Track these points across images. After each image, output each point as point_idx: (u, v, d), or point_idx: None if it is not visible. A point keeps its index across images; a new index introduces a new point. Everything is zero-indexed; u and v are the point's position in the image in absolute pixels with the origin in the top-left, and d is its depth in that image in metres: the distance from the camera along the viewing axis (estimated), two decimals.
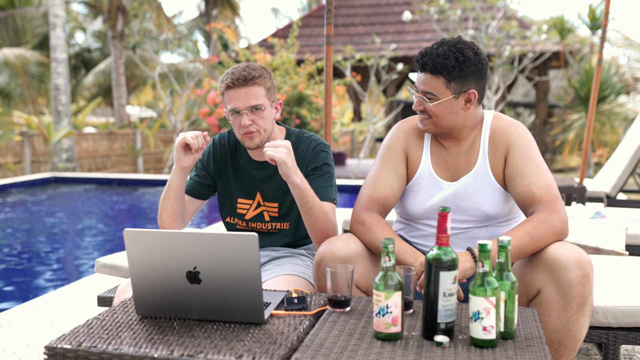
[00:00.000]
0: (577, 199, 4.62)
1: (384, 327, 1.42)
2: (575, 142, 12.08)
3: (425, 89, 1.92)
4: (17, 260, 5.36)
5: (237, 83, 2.04)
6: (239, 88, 2.04)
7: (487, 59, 1.95)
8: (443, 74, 1.87)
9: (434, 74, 1.89)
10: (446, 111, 1.92)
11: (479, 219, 2.00)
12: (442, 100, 1.90)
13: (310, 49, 13.12)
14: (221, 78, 2.10)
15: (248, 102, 2.05)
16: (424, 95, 1.93)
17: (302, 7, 32.60)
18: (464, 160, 2.02)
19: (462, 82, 1.89)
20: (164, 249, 1.52)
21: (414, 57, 2.00)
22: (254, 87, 2.05)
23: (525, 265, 1.79)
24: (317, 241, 2.04)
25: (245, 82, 2.03)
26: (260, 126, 2.08)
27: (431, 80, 1.90)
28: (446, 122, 1.95)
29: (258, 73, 2.06)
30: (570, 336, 1.73)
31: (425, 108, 1.94)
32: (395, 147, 2.07)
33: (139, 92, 23.79)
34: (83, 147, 12.95)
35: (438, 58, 1.87)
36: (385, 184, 2.02)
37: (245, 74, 2.04)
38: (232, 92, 2.05)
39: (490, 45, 10.36)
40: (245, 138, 2.10)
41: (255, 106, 2.05)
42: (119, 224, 7.16)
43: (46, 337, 2.94)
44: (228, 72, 2.07)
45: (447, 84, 1.89)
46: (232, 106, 2.06)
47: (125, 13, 15.85)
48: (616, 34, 15.92)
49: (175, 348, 1.38)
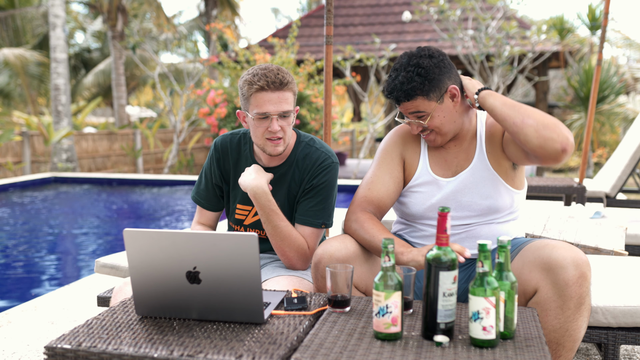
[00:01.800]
0: (577, 199, 4.62)
1: (384, 327, 1.42)
2: (575, 142, 12.07)
3: (412, 110, 1.95)
4: (17, 260, 5.37)
5: (273, 87, 1.95)
6: (272, 92, 1.95)
7: (441, 51, 1.98)
8: (417, 94, 1.91)
9: (410, 100, 1.93)
10: (442, 119, 1.95)
11: (480, 213, 2.00)
12: (432, 112, 1.93)
13: (310, 49, 13.12)
14: (248, 79, 1.98)
15: (280, 108, 1.97)
16: (416, 118, 1.96)
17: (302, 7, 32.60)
18: (464, 156, 2.04)
19: (438, 87, 1.92)
20: (163, 249, 1.52)
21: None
22: (287, 92, 1.98)
23: (523, 265, 1.79)
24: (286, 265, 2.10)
25: (280, 86, 1.96)
26: (286, 133, 2.03)
27: (412, 104, 1.94)
28: (448, 128, 1.97)
29: (290, 77, 2.00)
30: (568, 336, 1.74)
31: (424, 127, 1.97)
32: (392, 151, 2.09)
33: (139, 92, 23.79)
34: (83, 147, 12.95)
35: (403, 86, 1.90)
36: (381, 186, 2.04)
37: (281, 77, 1.96)
38: (264, 95, 1.95)
39: (490, 45, 10.36)
40: (270, 144, 2.02)
41: (286, 112, 1.99)
42: (119, 224, 7.16)
43: (46, 337, 2.94)
44: (258, 74, 1.97)
45: (427, 98, 1.92)
46: (262, 110, 1.96)
47: (125, 13, 15.85)
48: (616, 34, 15.93)
49: (175, 348, 1.38)
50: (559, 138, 1.73)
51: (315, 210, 2.08)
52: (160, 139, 14.69)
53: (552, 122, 1.77)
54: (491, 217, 2.01)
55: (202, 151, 15.38)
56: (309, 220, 2.07)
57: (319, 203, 2.08)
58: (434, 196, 2.02)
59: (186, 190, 9.72)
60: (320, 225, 2.08)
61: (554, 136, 1.73)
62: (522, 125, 1.77)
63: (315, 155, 2.11)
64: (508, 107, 1.82)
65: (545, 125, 1.75)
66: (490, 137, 2.02)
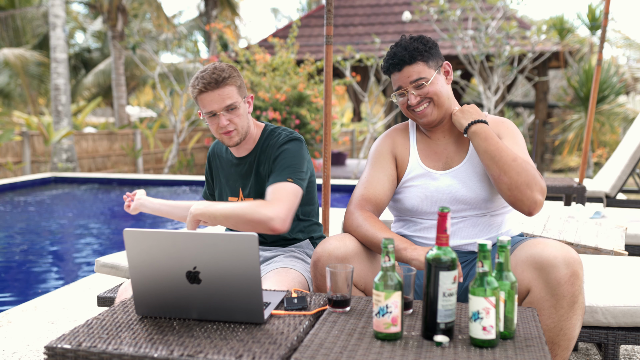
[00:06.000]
0: (577, 199, 4.62)
1: (384, 327, 1.42)
2: (575, 142, 12.08)
3: (413, 77, 2.01)
4: (17, 260, 5.37)
5: (210, 87, 2.08)
6: (211, 91, 2.09)
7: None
8: (418, 58, 2.00)
9: (412, 63, 2.01)
10: (440, 87, 2.03)
11: (475, 206, 2.02)
12: (432, 79, 2.01)
13: (310, 49, 13.12)
14: (192, 83, 2.13)
15: (223, 103, 2.10)
16: (415, 88, 2.02)
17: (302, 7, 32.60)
18: (454, 149, 2.10)
19: (435, 59, 2.04)
20: (164, 249, 1.52)
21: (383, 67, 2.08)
22: (226, 87, 2.10)
23: (515, 264, 1.80)
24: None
25: (217, 84, 2.08)
26: (237, 124, 2.14)
27: (413, 68, 2.01)
28: (443, 100, 2.04)
29: (227, 73, 2.10)
30: (563, 335, 1.74)
31: (422, 94, 2.02)
32: (383, 150, 2.16)
33: (139, 92, 23.78)
34: (83, 147, 12.96)
35: (406, 50, 2.00)
36: (377, 184, 2.08)
37: (216, 76, 2.08)
38: (205, 96, 2.09)
39: (490, 45, 10.36)
40: (225, 137, 2.17)
41: (230, 106, 2.11)
42: (119, 224, 7.16)
43: (46, 337, 2.94)
44: (197, 77, 2.11)
45: (427, 65, 2.01)
46: (207, 109, 2.11)
47: (125, 13, 15.85)
48: (616, 34, 15.93)
49: (175, 348, 1.38)
50: (527, 202, 1.86)
51: (279, 171, 2.09)
52: (160, 139, 14.69)
53: (525, 182, 1.86)
54: (486, 210, 2.04)
55: (202, 151, 15.38)
56: (273, 180, 2.06)
57: (281, 166, 2.11)
58: (427, 188, 2.06)
59: (186, 191, 9.72)
60: (286, 179, 2.05)
61: (523, 199, 1.87)
62: (497, 179, 1.90)
63: (278, 137, 2.22)
64: (489, 157, 1.91)
65: (517, 187, 1.86)
66: None
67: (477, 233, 2.03)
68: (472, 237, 2.03)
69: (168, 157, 13.46)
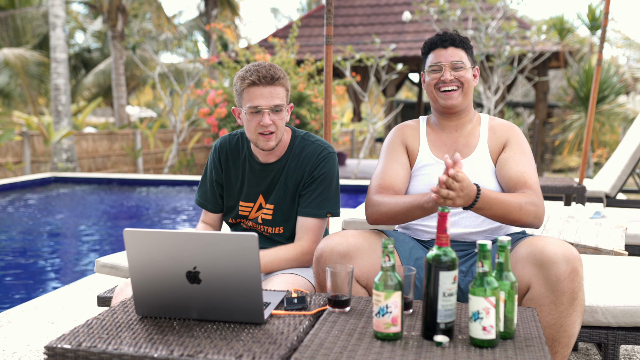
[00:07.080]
0: (577, 199, 4.62)
1: (384, 327, 1.42)
2: (575, 142, 12.08)
3: (455, 59, 2.10)
4: (17, 260, 5.37)
5: (264, 81, 2.02)
6: (263, 86, 2.02)
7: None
8: (463, 47, 2.13)
9: (457, 47, 2.12)
10: (471, 79, 2.12)
11: None
12: (468, 69, 2.12)
13: (310, 49, 13.12)
14: (241, 75, 2.05)
15: (271, 102, 2.04)
16: (453, 69, 2.09)
17: (302, 7, 32.60)
18: (463, 142, 2.14)
19: (472, 57, 2.17)
20: (164, 249, 1.52)
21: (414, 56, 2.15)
22: (278, 87, 2.05)
23: (515, 262, 1.81)
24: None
25: (271, 80, 2.03)
26: (278, 127, 2.08)
27: (457, 51, 2.11)
28: (470, 91, 2.13)
29: (282, 74, 2.07)
30: (563, 332, 1.75)
31: (457, 76, 2.09)
32: (395, 142, 2.20)
33: (139, 92, 23.78)
34: (83, 147, 12.95)
35: (456, 36, 2.13)
36: (392, 173, 2.11)
37: (272, 72, 2.03)
38: (255, 90, 2.02)
39: (490, 45, 10.35)
40: (262, 138, 2.08)
41: (277, 106, 2.05)
42: (119, 224, 7.16)
43: (46, 337, 2.94)
44: (251, 70, 2.03)
45: (467, 56, 2.13)
46: (253, 104, 2.03)
47: (125, 13, 15.85)
48: (616, 34, 15.92)
49: (175, 348, 1.38)
50: (534, 226, 1.96)
51: (319, 201, 2.12)
52: (160, 139, 14.69)
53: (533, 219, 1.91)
54: None
55: (202, 151, 15.38)
56: (313, 212, 2.12)
57: (321, 194, 2.13)
58: (435, 178, 2.08)
59: (186, 190, 9.72)
60: (326, 215, 2.13)
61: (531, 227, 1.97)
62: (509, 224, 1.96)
63: (311, 147, 2.18)
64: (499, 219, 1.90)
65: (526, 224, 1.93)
66: (494, 135, 2.13)
67: (479, 223, 2.04)
68: (475, 226, 2.05)
69: (168, 157, 13.45)
